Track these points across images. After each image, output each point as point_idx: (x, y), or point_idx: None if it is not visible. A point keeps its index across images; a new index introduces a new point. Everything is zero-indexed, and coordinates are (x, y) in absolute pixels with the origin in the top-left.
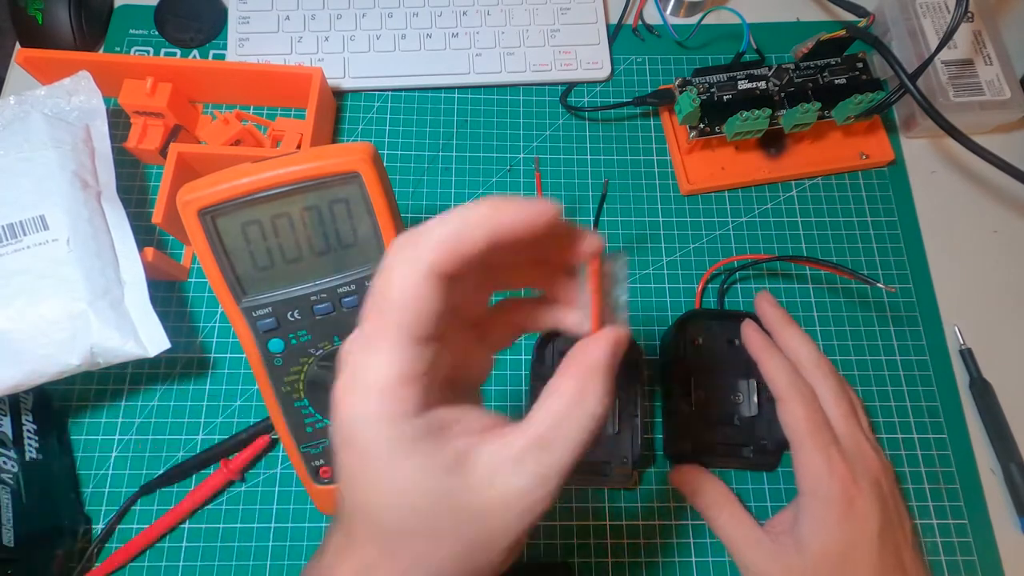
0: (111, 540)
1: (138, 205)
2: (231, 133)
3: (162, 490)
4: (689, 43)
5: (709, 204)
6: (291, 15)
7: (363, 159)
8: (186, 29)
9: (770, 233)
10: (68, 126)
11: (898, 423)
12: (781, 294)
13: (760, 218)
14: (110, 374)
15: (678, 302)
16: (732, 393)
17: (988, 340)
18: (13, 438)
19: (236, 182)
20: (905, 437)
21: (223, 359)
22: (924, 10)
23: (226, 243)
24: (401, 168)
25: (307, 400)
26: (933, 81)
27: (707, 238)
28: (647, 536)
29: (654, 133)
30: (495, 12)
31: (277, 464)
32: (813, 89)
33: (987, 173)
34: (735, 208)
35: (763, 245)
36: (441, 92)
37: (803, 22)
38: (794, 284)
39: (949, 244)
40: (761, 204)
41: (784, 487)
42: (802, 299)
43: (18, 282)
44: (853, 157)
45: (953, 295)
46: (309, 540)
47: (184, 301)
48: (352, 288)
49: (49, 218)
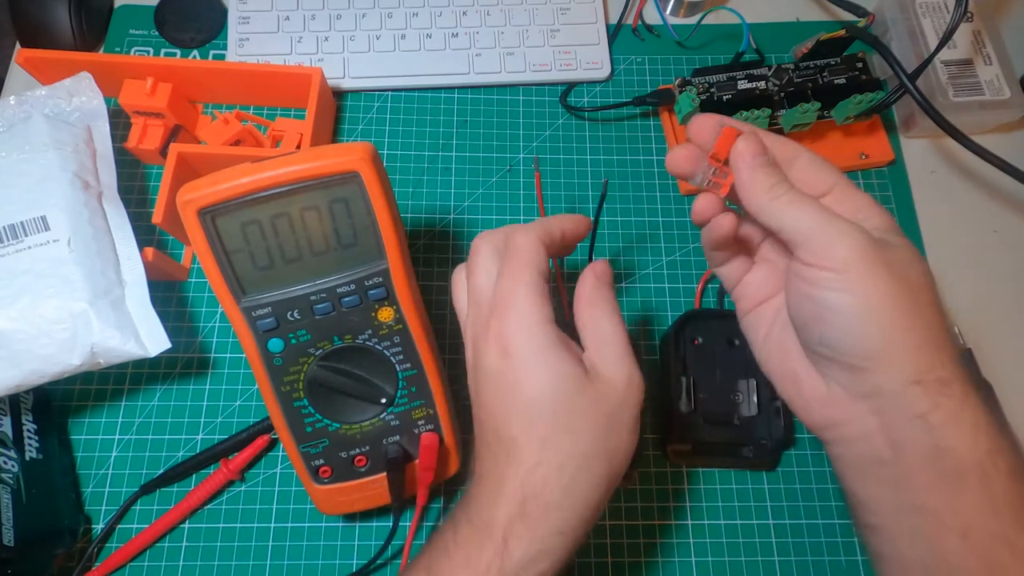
0: (111, 540)
1: (138, 205)
2: (231, 133)
3: (162, 490)
4: (689, 43)
5: None
6: (291, 15)
7: (363, 159)
8: (186, 29)
9: None
10: (69, 127)
11: None
12: None
13: None
14: (110, 374)
15: (678, 302)
16: (732, 393)
17: (988, 340)
18: (13, 438)
19: (236, 182)
20: None
21: (223, 359)
22: (924, 10)
23: (226, 243)
24: (401, 168)
25: (307, 400)
26: (933, 81)
27: None
28: (647, 536)
29: (654, 133)
30: (495, 12)
31: (277, 464)
32: (813, 89)
33: (987, 173)
34: (735, 208)
35: None
36: (441, 92)
37: (803, 22)
38: None
39: (949, 244)
40: None
41: (784, 487)
42: None
43: (19, 282)
44: (853, 157)
45: (953, 295)
46: (309, 540)
47: (184, 301)
48: (352, 288)
49: (50, 219)
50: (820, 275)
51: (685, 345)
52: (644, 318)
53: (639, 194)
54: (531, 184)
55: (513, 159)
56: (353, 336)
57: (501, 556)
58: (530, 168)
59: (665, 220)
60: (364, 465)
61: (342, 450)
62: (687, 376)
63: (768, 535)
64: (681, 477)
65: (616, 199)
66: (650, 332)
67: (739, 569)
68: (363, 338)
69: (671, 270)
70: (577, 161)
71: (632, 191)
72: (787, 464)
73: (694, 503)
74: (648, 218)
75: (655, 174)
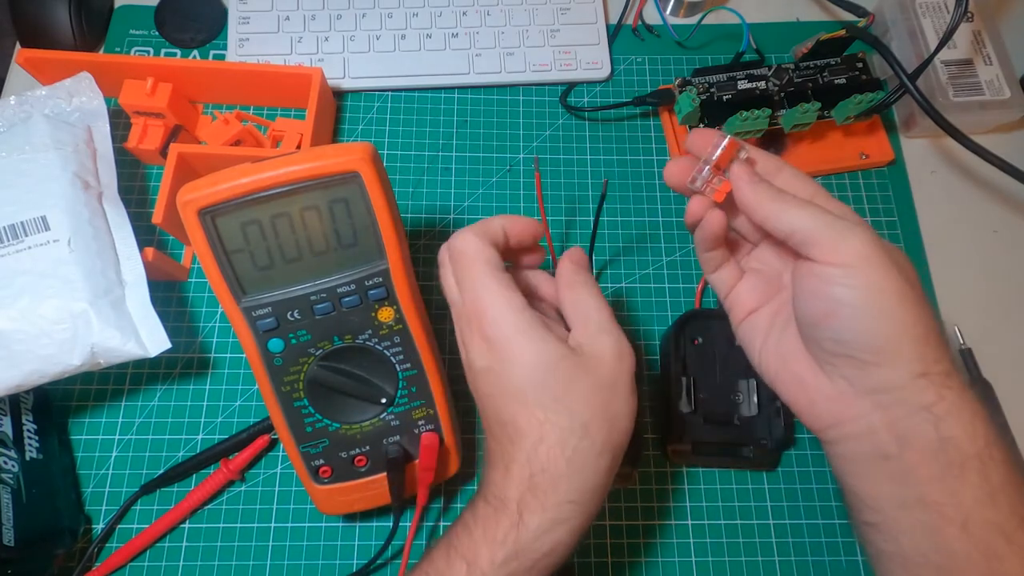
0: (111, 540)
1: (138, 205)
2: (231, 133)
3: (162, 490)
4: (689, 43)
5: None
6: (291, 15)
7: (363, 159)
8: (186, 29)
9: None
10: (70, 127)
11: None
12: None
13: None
14: (110, 374)
15: (678, 302)
16: (732, 393)
17: (988, 340)
18: (13, 438)
19: (236, 182)
20: None
21: (223, 359)
22: (924, 10)
23: (226, 243)
24: (401, 168)
25: (307, 400)
26: (933, 81)
27: None
28: (647, 536)
29: (654, 133)
30: (495, 12)
31: (277, 464)
32: (813, 89)
33: (987, 173)
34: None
35: None
36: (441, 92)
37: (803, 22)
38: None
39: (949, 244)
40: None
41: (784, 487)
42: None
43: (19, 282)
44: (853, 157)
45: (953, 295)
46: (309, 540)
47: (184, 301)
48: (352, 288)
49: (50, 219)
50: (831, 271)
51: (685, 345)
52: (644, 318)
53: (639, 194)
54: (531, 184)
55: (513, 159)
56: (353, 336)
57: (517, 527)
58: (530, 168)
59: (665, 220)
60: (364, 465)
61: (342, 450)
62: (687, 376)
63: (768, 535)
64: (681, 477)
65: (616, 199)
66: (650, 332)
67: (739, 569)
68: (363, 338)
69: (671, 270)
70: (577, 161)
71: (632, 191)
72: (787, 464)
73: (694, 503)
74: (648, 218)
75: (655, 174)
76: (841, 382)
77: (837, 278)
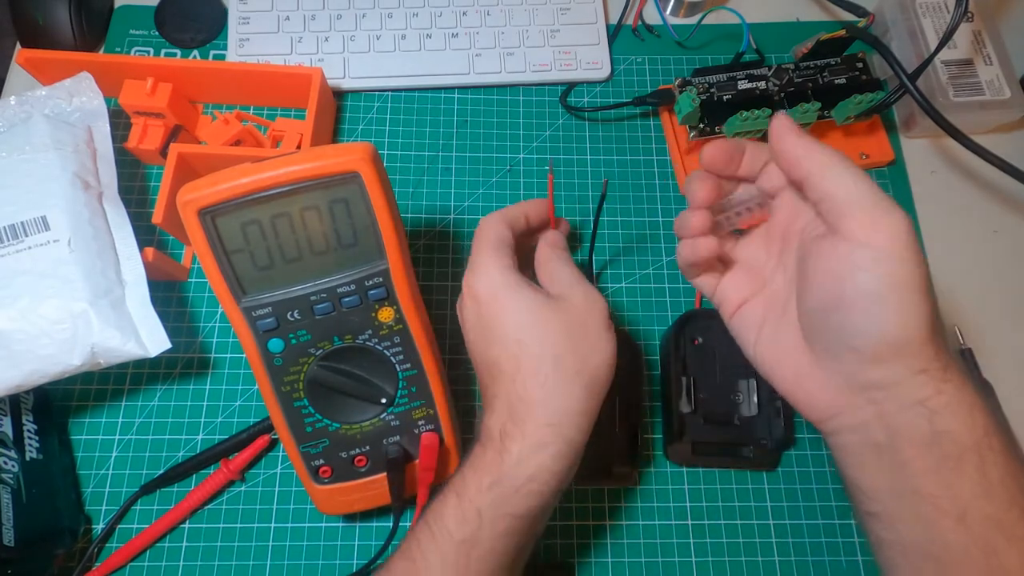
0: (111, 540)
1: (138, 205)
2: (231, 133)
3: (162, 490)
4: (689, 43)
5: None
6: (291, 15)
7: (363, 159)
8: (186, 29)
9: None
10: (70, 127)
11: None
12: None
13: None
14: (110, 374)
15: (678, 302)
16: (732, 393)
17: (988, 340)
18: (13, 438)
19: (236, 182)
20: None
21: (223, 359)
22: (924, 10)
23: (226, 243)
24: (401, 168)
25: (307, 400)
26: (933, 81)
27: None
28: (647, 536)
29: (654, 133)
30: (495, 12)
31: (277, 464)
32: (813, 89)
33: (987, 173)
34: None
35: None
36: (441, 92)
37: (803, 22)
38: None
39: (949, 244)
40: None
41: (784, 487)
42: None
43: (19, 283)
44: (853, 157)
45: (953, 295)
46: (309, 540)
47: (184, 301)
48: (352, 288)
49: (50, 219)
50: (858, 255)
51: (685, 345)
52: (644, 318)
53: (639, 194)
54: (531, 184)
55: (513, 159)
56: (353, 336)
57: (500, 454)
58: (530, 168)
59: (665, 220)
60: (364, 465)
61: (342, 450)
62: (687, 376)
63: (768, 535)
64: (681, 477)
65: (616, 199)
66: (650, 332)
67: (739, 569)
68: (363, 338)
69: (671, 270)
70: (577, 161)
71: (632, 191)
72: (787, 464)
73: (694, 503)
74: (648, 218)
75: (655, 174)
76: (837, 376)
77: (863, 263)
